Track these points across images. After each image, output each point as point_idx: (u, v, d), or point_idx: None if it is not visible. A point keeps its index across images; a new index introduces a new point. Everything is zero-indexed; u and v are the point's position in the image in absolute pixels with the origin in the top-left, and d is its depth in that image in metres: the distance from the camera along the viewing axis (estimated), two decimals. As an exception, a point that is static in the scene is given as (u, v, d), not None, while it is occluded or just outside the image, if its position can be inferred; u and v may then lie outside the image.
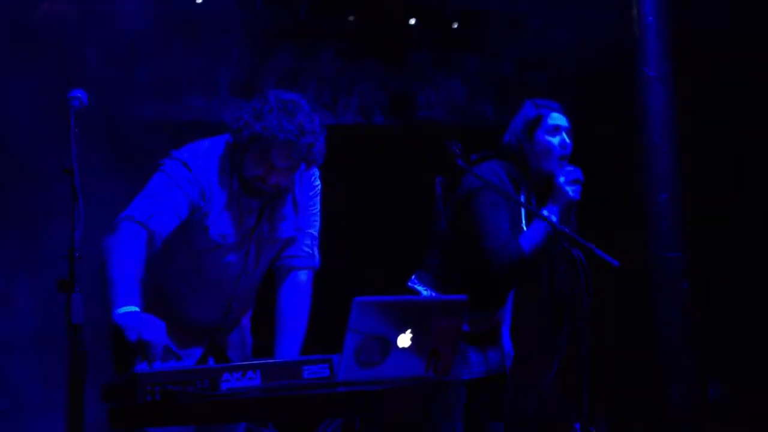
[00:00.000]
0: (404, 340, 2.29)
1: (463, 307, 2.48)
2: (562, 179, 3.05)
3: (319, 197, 2.96)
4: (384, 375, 2.27)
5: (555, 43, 5.59)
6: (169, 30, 4.84)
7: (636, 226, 4.66)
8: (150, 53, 5.01)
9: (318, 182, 2.95)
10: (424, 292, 3.14)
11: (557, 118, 3.15)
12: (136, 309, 2.34)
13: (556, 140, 3.13)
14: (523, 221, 3.10)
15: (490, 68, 5.89)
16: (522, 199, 3.10)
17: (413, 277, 3.24)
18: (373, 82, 5.76)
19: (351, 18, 5.55)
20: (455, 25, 5.66)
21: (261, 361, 2.26)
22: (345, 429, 3.05)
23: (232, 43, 5.27)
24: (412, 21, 5.65)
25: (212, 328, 2.86)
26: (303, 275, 2.91)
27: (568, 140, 3.14)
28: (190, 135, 2.88)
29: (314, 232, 2.95)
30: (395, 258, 4.02)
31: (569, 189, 3.03)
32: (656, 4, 4.55)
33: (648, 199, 4.58)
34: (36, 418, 4.45)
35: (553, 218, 2.98)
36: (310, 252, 2.94)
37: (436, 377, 2.38)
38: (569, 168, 3.08)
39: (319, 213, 2.97)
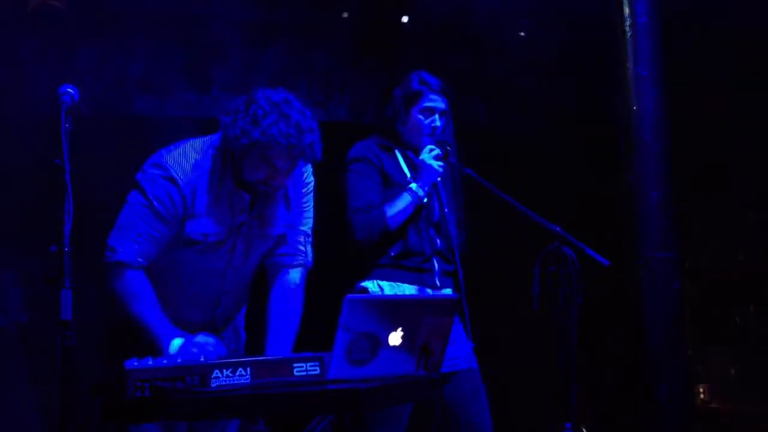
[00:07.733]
0: (395, 337, 2.29)
1: (454, 305, 2.49)
2: (425, 156, 3.27)
3: (311, 194, 2.95)
4: (374, 373, 2.27)
5: (541, 42, 5.61)
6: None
7: (626, 225, 4.66)
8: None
9: (311, 179, 2.94)
10: (371, 286, 3.24)
11: (434, 100, 3.34)
12: (182, 339, 2.56)
13: (427, 121, 3.34)
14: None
15: (480, 67, 5.87)
16: (400, 169, 3.31)
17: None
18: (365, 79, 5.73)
19: (345, 15, 5.54)
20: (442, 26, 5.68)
21: (252, 359, 2.26)
22: (335, 427, 3.04)
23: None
24: (405, 19, 5.64)
25: (203, 324, 2.85)
26: (295, 273, 2.90)
27: (439, 123, 3.35)
28: (179, 132, 2.88)
29: (307, 229, 2.94)
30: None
31: (433, 164, 3.25)
32: (649, 3, 4.54)
33: (638, 198, 4.58)
34: (25, 413, 4.43)
35: (421, 192, 3.23)
36: (303, 250, 2.93)
37: (427, 374, 2.38)
38: (431, 146, 3.29)
39: (312, 210, 2.96)
